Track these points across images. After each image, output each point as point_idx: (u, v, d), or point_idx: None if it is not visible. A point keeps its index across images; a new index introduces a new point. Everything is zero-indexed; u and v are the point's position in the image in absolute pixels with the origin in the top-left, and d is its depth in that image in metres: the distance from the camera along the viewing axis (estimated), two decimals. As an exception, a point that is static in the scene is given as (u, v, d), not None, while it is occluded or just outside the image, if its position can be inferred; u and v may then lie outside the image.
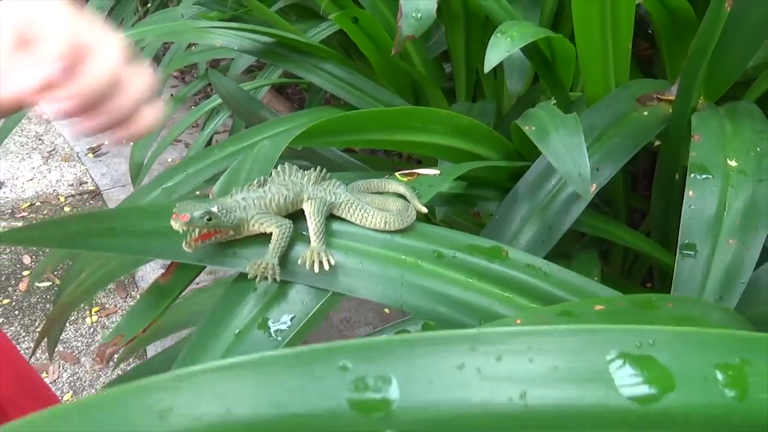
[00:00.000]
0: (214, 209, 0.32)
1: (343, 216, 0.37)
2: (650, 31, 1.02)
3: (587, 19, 0.61)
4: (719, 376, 0.15)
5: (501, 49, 0.55)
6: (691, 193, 0.45)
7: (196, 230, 0.32)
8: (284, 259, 0.34)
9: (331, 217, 0.37)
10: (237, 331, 0.32)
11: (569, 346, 0.14)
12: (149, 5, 2.23)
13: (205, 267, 0.36)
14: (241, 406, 0.13)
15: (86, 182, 1.75)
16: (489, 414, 0.13)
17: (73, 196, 1.67)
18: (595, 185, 0.56)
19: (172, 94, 2.15)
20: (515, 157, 0.70)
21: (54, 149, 1.95)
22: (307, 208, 0.36)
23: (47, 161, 1.85)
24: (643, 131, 0.64)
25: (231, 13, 1.47)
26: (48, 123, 2.09)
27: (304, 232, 0.36)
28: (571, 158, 0.48)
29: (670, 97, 0.69)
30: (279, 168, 0.38)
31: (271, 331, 0.31)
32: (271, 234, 0.34)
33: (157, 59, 2.07)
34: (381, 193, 0.40)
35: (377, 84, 1.08)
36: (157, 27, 1.04)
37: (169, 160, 1.91)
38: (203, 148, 1.43)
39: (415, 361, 0.13)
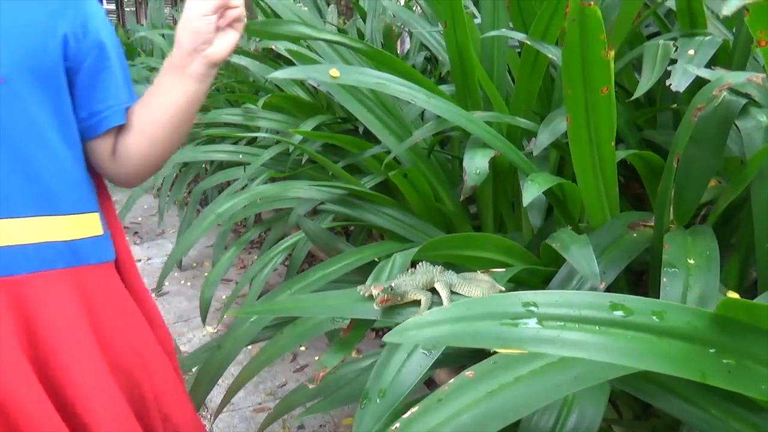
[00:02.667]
0: (393, 284, 0.59)
1: (458, 291, 0.64)
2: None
3: (584, 173, 0.93)
4: (616, 312, 0.42)
5: (533, 191, 0.85)
6: (665, 279, 0.73)
7: (384, 295, 0.59)
8: (428, 314, 0.61)
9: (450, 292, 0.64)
10: (406, 354, 0.57)
11: (585, 299, 0.41)
12: (206, 166, 2.65)
13: (375, 322, 0.62)
14: (474, 314, 0.40)
15: (152, 317, 2.02)
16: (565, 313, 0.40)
17: (141, 329, 1.93)
18: (603, 283, 0.83)
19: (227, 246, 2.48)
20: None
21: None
22: (438, 286, 0.63)
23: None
24: (634, 247, 0.92)
25: (290, 172, 1.84)
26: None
27: (435, 300, 0.63)
28: (586, 262, 0.76)
29: (651, 224, 0.99)
30: (420, 264, 0.65)
31: (424, 351, 0.57)
32: (420, 300, 0.61)
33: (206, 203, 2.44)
34: (473, 280, 0.67)
35: (420, 220, 1.39)
36: (253, 194, 1.36)
37: (224, 297, 2.19)
38: (261, 281, 1.70)
39: (545, 297, 0.41)
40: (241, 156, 1.95)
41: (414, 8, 2.72)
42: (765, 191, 0.83)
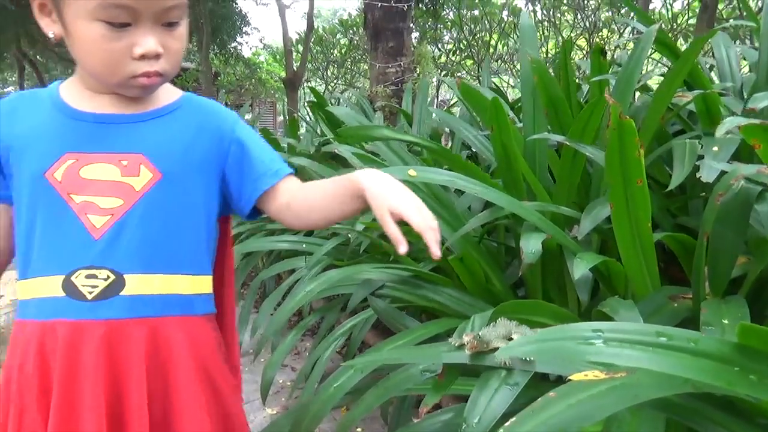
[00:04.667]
0: (480, 334, 0.75)
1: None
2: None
3: (627, 250, 1.10)
4: (661, 338, 0.58)
5: (581, 267, 1.02)
6: (703, 335, 0.87)
7: (474, 342, 0.75)
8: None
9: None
10: (493, 390, 0.72)
11: (637, 327, 0.57)
12: (262, 259, 2.87)
13: (461, 368, 0.77)
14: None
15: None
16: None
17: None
18: (651, 344, 0.97)
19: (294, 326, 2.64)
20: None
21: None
22: (515, 336, 0.79)
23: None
24: (676, 315, 1.07)
25: (349, 261, 2.03)
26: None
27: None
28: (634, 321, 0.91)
29: (690, 296, 1.13)
30: (498, 319, 0.82)
31: (508, 386, 0.72)
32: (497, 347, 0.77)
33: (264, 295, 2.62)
34: (542, 333, 0.83)
35: (475, 298, 1.55)
36: (329, 277, 1.54)
37: (280, 381, 2.33)
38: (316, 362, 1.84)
39: (608, 326, 0.57)
40: (304, 246, 2.16)
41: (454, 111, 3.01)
42: (785, 264, 0.98)
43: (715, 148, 1.29)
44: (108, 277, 0.80)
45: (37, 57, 13.98)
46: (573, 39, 7.19)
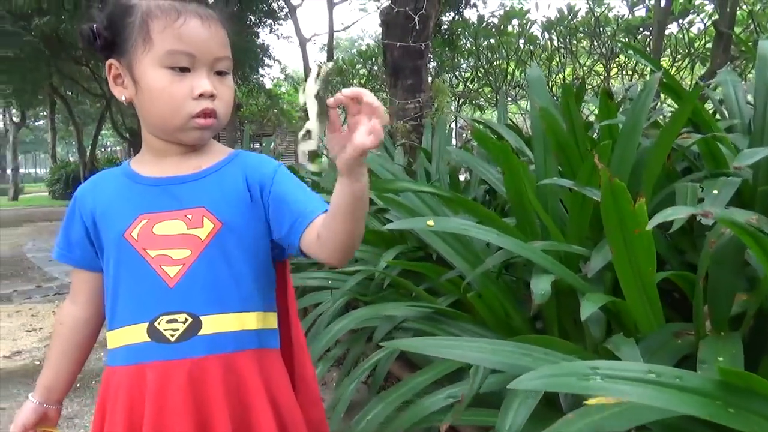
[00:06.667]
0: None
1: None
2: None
3: (629, 292, 1.20)
4: (650, 375, 0.69)
5: (589, 308, 1.12)
6: (699, 372, 0.96)
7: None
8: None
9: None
10: (517, 405, 0.83)
11: (630, 366, 0.68)
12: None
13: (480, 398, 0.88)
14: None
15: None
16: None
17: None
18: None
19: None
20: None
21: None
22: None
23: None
24: (679, 351, 1.16)
25: (372, 295, 2.15)
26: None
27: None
28: (633, 358, 1.01)
29: (693, 332, 1.22)
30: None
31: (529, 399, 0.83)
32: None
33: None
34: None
35: (495, 333, 1.65)
36: (356, 316, 1.66)
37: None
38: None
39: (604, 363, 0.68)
40: (330, 282, 2.28)
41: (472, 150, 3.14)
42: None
43: (715, 191, 1.39)
44: (186, 320, 0.91)
45: (68, 92, 14.56)
46: (590, 65, 7.32)
